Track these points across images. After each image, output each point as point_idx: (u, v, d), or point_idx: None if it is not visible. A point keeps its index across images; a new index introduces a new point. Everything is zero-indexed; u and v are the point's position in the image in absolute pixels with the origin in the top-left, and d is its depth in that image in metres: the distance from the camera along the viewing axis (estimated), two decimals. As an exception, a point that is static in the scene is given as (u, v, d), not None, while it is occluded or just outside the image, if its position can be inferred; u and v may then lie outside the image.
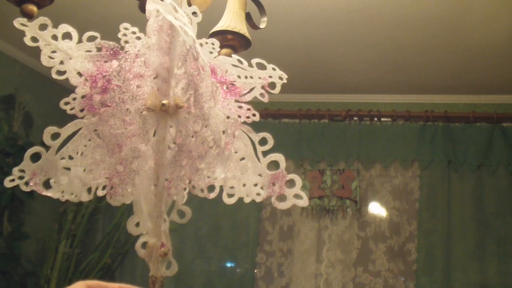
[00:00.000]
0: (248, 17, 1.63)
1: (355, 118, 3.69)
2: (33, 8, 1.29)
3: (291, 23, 2.89)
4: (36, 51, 3.33)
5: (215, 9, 1.64)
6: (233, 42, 1.56)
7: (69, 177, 1.01)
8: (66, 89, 3.79)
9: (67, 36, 0.97)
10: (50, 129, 0.99)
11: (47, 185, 0.99)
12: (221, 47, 1.52)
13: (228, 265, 3.79)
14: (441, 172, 3.52)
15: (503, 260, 3.35)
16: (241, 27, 1.57)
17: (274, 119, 3.67)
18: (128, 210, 3.71)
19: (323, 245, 3.67)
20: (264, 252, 3.73)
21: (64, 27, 0.97)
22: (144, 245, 0.96)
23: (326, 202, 3.63)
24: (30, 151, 0.98)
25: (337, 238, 3.65)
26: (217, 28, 1.55)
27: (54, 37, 0.96)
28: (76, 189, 1.02)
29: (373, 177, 3.68)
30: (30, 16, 1.29)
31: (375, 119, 3.66)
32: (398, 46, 3.07)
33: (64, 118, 1.27)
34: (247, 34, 1.58)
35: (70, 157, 1.01)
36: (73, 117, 1.17)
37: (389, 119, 3.66)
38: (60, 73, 0.99)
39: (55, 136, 0.98)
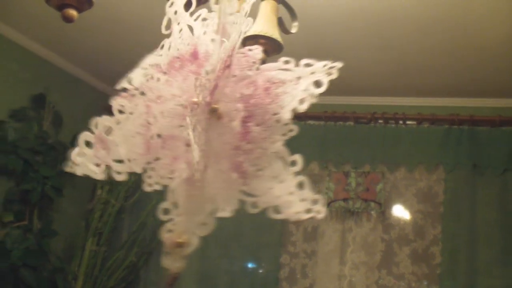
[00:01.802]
0: (280, 22, 1.66)
1: (380, 121, 3.70)
2: (73, 12, 1.32)
3: (315, 27, 2.91)
4: (65, 52, 3.40)
5: (249, 15, 1.66)
6: (266, 47, 1.59)
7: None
8: (94, 89, 3.88)
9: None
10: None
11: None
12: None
13: (252, 265, 3.82)
14: (466, 176, 3.50)
15: (529, 265, 3.34)
16: (273, 32, 1.59)
17: (299, 120, 3.67)
18: (153, 210, 3.75)
19: (347, 247, 3.68)
20: (288, 253, 3.76)
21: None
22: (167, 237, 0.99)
23: (351, 204, 3.64)
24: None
25: (361, 240, 3.66)
26: (250, 33, 1.57)
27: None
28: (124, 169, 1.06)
29: (398, 180, 3.68)
30: (70, 21, 1.33)
31: (400, 122, 3.66)
32: (423, 49, 3.07)
33: (91, 118, 1.31)
34: (279, 39, 1.61)
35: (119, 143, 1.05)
36: (97, 117, 1.20)
37: (414, 122, 3.66)
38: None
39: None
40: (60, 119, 3.58)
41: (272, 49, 1.62)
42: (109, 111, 4.09)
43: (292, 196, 1.11)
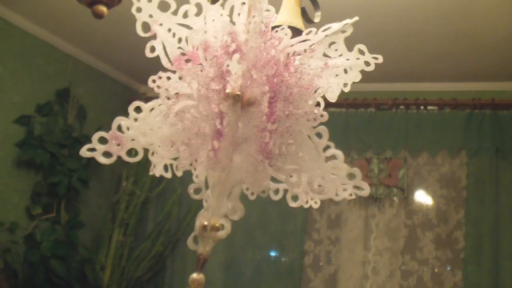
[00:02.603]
0: (303, 12, 1.68)
1: (401, 107, 3.70)
2: (103, 8, 1.35)
3: (336, 15, 2.92)
4: (89, 46, 3.45)
5: (273, 5, 1.68)
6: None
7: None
8: (117, 82, 3.92)
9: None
10: (135, 103, 1.07)
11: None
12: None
13: (277, 252, 3.86)
14: (488, 160, 3.50)
15: (552, 248, 3.34)
16: (298, 22, 1.61)
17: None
18: (179, 200, 3.81)
19: (371, 233, 3.70)
20: (312, 240, 3.79)
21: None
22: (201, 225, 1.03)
23: (373, 190, 3.65)
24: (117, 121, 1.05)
25: (384, 226, 3.68)
26: (275, 23, 1.59)
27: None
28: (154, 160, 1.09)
29: (420, 165, 3.69)
30: (100, 17, 1.36)
31: (422, 107, 3.67)
32: (442, 35, 3.07)
33: (115, 111, 1.33)
34: (303, 28, 1.63)
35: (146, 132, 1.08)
36: (121, 110, 1.23)
37: (436, 107, 3.65)
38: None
39: (138, 109, 1.06)
40: (84, 113, 3.64)
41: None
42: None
43: (324, 178, 1.14)
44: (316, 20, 1.73)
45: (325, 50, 1.14)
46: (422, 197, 3.68)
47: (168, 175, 1.10)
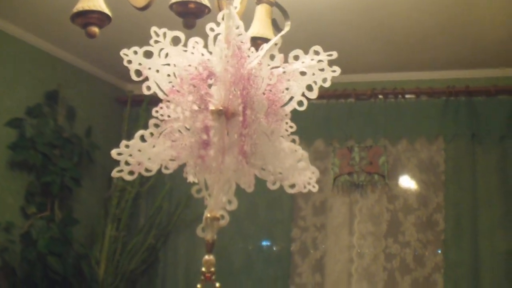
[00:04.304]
0: (274, 23, 1.81)
1: (380, 96, 3.83)
2: (95, 29, 1.49)
3: (312, 10, 3.03)
4: (76, 49, 3.56)
5: (245, 19, 1.81)
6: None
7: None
8: (105, 82, 4.04)
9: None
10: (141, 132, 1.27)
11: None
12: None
13: (265, 241, 4.01)
14: (465, 145, 3.64)
15: (528, 227, 3.49)
16: (269, 33, 1.74)
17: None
18: (168, 194, 3.94)
19: (354, 219, 3.84)
20: (298, 228, 3.93)
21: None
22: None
23: (356, 177, 3.79)
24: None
25: (367, 212, 3.82)
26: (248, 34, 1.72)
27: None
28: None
29: (400, 152, 3.82)
30: (93, 37, 1.50)
31: (400, 96, 3.79)
32: (418, 25, 3.17)
33: (103, 110, 1.47)
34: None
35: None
36: (109, 109, 1.39)
37: (413, 96, 3.79)
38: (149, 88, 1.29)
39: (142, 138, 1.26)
40: (74, 113, 3.75)
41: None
42: (120, 103, 4.22)
43: (292, 170, 1.33)
44: (286, 29, 1.85)
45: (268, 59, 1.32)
46: (403, 183, 3.83)
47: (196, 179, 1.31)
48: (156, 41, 1.27)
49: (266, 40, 1.74)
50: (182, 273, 3.98)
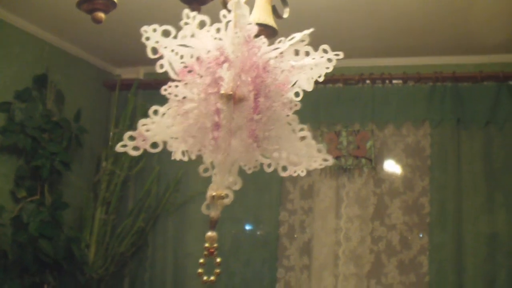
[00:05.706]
0: (274, 9, 1.84)
1: (367, 82, 3.87)
2: (101, 14, 1.51)
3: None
4: (65, 32, 3.57)
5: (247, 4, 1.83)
6: (263, 33, 1.76)
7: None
8: (93, 66, 4.06)
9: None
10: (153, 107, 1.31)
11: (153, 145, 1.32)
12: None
13: (254, 224, 4.06)
14: (450, 130, 3.70)
15: (511, 211, 3.57)
16: (269, 20, 1.77)
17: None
18: (157, 177, 3.96)
19: (342, 202, 3.89)
20: (286, 211, 3.98)
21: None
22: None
23: (343, 161, 3.84)
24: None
25: (354, 195, 3.87)
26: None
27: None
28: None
29: (387, 136, 3.88)
30: (99, 22, 1.52)
31: (387, 81, 3.84)
32: (405, 11, 3.20)
33: (91, 93, 1.49)
34: (274, 25, 1.79)
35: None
36: (97, 93, 1.42)
37: (400, 81, 3.83)
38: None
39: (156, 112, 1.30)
40: (62, 97, 3.74)
41: (268, 34, 1.80)
42: (108, 87, 4.23)
43: (299, 154, 1.39)
44: (285, 15, 1.89)
45: (293, 53, 1.37)
46: (389, 167, 3.89)
47: (185, 159, 1.35)
48: (186, 23, 1.30)
49: (267, 27, 1.78)
50: (170, 255, 4.01)
